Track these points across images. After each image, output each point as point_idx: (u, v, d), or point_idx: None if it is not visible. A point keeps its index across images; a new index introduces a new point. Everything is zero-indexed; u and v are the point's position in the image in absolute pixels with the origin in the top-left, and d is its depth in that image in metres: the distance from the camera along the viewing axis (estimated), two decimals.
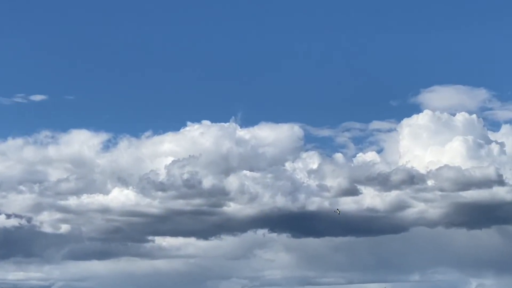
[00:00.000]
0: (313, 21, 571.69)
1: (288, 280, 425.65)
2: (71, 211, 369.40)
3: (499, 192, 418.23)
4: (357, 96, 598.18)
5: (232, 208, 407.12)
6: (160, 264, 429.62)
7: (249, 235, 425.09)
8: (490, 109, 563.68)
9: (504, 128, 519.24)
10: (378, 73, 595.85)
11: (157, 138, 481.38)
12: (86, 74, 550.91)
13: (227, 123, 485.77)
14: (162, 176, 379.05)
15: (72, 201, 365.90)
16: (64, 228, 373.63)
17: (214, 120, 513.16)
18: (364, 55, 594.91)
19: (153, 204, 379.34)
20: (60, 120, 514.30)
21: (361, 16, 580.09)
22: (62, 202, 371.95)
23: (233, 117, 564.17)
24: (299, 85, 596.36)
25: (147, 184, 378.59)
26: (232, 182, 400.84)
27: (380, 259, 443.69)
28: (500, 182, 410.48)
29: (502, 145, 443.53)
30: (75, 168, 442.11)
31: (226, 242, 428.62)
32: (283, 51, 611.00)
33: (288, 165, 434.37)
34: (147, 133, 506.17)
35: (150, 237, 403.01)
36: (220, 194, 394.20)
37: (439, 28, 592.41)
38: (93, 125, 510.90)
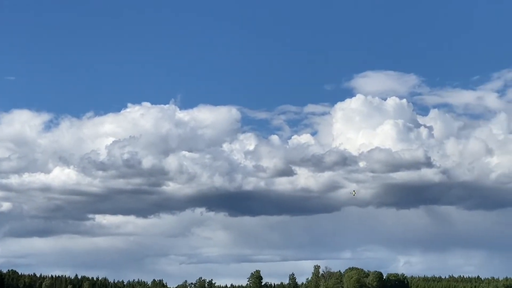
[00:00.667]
0: (251, 7, 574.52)
1: (225, 257, 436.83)
2: (13, 190, 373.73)
3: (427, 174, 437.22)
4: (293, 80, 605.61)
5: (171, 187, 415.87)
6: (100, 241, 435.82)
7: (187, 213, 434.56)
8: (420, 94, 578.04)
9: (433, 112, 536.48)
10: (313, 58, 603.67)
11: (98, 119, 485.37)
12: (26, 55, 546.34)
13: (167, 105, 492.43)
14: (103, 156, 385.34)
15: (13, 180, 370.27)
16: (6, 206, 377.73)
17: (154, 101, 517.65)
18: (299, 41, 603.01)
19: (94, 183, 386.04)
20: (1, 100, 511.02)
21: (298, 2, 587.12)
22: (4, 181, 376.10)
23: (172, 99, 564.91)
24: (237, 69, 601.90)
25: (88, 164, 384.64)
26: (171, 162, 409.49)
27: (313, 237, 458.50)
28: (428, 164, 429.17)
29: (430, 128, 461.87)
30: (17, 147, 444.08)
31: (164, 221, 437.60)
32: (221, 36, 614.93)
33: (225, 146, 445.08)
34: (89, 114, 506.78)
35: (90, 215, 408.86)
36: (159, 174, 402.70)
37: (371, 15, 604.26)
38: (35, 106, 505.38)
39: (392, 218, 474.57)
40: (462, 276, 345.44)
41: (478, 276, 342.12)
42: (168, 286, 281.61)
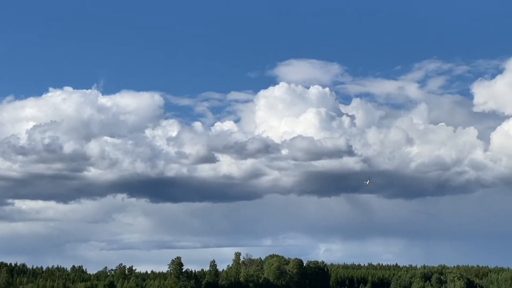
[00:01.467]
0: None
1: (146, 244, 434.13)
2: None
3: (348, 162, 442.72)
4: (216, 67, 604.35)
5: (92, 173, 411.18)
6: (19, 227, 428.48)
7: (109, 199, 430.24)
8: (342, 83, 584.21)
9: (355, 101, 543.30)
10: (237, 45, 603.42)
11: (18, 103, 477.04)
12: None
13: (89, 90, 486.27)
14: (23, 141, 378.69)
15: None
16: None
17: (76, 86, 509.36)
18: (223, 28, 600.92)
19: (14, 168, 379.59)
20: None
21: None
22: None
23: (95, 84, 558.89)
24: (160, 55, 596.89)
25: (8, 148, 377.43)
26: (92, 148, 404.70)
27: (234, 224, 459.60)
28: (350, 152, 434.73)
29: (352, 117, 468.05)
30: None
31: (85, 206, 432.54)
32: (144, 21, 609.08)
33: (148, 132, 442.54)
34: (9, 98, 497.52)
35: (9, 200, 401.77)
36: (80, 159, 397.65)
37: (296, 3, 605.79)
38: None
39: (314, 206, 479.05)
40: (381, 263, 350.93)
41: (397, 264, 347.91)
42: (88, 272, 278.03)
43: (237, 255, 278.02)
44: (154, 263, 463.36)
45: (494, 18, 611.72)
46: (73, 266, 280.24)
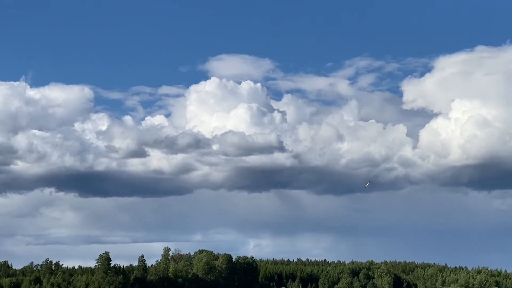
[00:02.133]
0: None
1: (74, 239, 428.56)
2: None
3: (279, 158, 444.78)
4: (147, 61, 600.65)
5: (20, 166, 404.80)
6: None
7: (36, 193, 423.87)
8: (274, 79, 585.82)
9: (286, 97, 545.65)
10: (168, 39, 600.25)
11: None
12: None
13: (17, 82, 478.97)
14: None
15: None
16: None
17: (3, 78, 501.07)
18: (154, 22, 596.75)
19: None
20: None
21: None
22: None
23: (23, 76, 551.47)
24: (90, 48, 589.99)
25: None
26: (20, 141, 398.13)
27: (164, 219, 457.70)
28: (281, 148, 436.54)
29: (283, 113, 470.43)
30: None
31: (12, 200, 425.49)
32: (75, 14, 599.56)
33: (77, 126, 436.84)
34: None
35: None
36: (7, 152, 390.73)
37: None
38: None
39: (244, 202, 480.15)
40: (309, 259, 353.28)
41: (325, 260, 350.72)
42: (14, 267, 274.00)
43: (166, 250, 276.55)
44: (82, 258, 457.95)
45: (423, 16, 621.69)
46: None
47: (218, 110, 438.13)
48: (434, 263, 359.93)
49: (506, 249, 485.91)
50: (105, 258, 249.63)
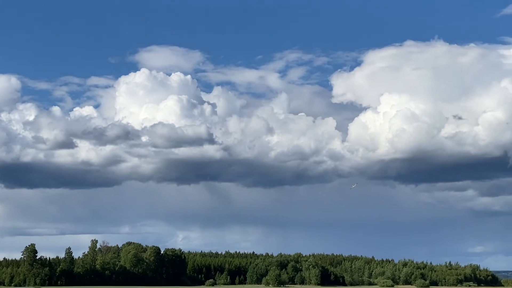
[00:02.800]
0: None
1: (0, 230, 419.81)
2: None
3: (209, 150, 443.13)
4: (76, 51, 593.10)
5: None
6: None
7: None
8: (204, 71, 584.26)
9: (216, 90, 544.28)
10: (98, 29, 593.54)
11: None
12: None
13: None
14: None
15: None
16: None
17: None
18: (84, 11, 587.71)
19: None
20: None
21: None
22: None
23: None
24: (18, 37, 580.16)
25: None
26: None
27: (92, 211, 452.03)
28: (211, 140, 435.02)
29: (214, 106, 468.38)
30: None
31: None
32: (3, 3, 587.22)
33: (3, 116, 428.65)
34: None
35: None
36: None
37: None
38: None
39: (173, 194, 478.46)
40: (238, 252, 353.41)
41: (254, 252, 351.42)
42: None
43: (94, 242, 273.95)
44: (8, 250, 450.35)
45: (353, 11, 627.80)
46: None
47: (148, 102, 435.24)
48: (361, 256, 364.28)
49: (432, 242, 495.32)
50: (31, 250, 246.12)
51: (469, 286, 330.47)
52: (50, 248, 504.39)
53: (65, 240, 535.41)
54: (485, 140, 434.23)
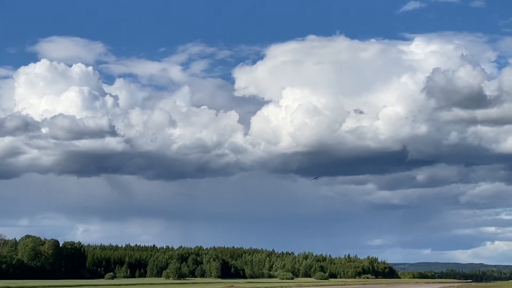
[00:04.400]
0: None
1: None
2: None
3: (111, 142, 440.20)
4: None
5: None
6: None
7: None
8: (106, 62, 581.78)
9: (118, 81, 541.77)
10: None
11: None
12: None
13: None
14: None
15: None
16: None
17: None
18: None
19: None
20: None
21: None
22: None
23: None
24: None
25: None
26: None
27: None
28: (112, 133, 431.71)
29: (116, 98, 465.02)
30: None
31: None
32: None
33: None
34: None
35: None
36: None
37: None
38: None
39: (73, 186, 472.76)
40: (138, 245, 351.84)
41: (154, 245, 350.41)
42: None
43: None
44: None
45: (256, 4, 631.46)
46: None
47: (48, 93, 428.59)
48: (262, 249, 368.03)
49: (331, 235, 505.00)
50: None
51: (367, 278, 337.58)
52: None
53: None
54: (384, 135, 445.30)
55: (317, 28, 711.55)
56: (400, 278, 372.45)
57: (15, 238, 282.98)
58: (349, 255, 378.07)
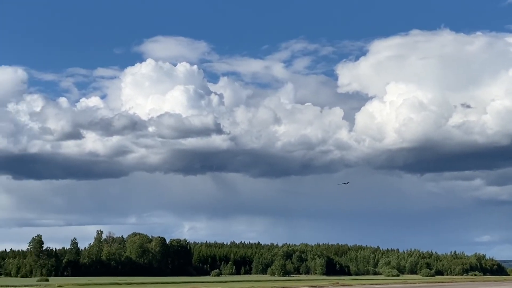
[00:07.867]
0: None
1: (7, 221, 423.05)
2: None
3: (216, 140, 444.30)
4: (82, 42, 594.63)
5: None
6: None
7: None
8: (209, 61, 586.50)
9: (222, 80, 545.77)
10: (103, 20, 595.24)
11: None
12: None
13: None
14: None
15: None
16: None
17: None
18: (88, 3, 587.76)
19: None
20: None
21: None
22: None
23: None
24: (24, 29, 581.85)
25: None
26: None
27: (99, 202, 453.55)
28: (218, 130, 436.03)
29: (221, 96, 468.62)
30: None
31: None
32: None
33: (10, 107, 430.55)
34: None
35: None
36: None
37: None
38: None
39: (179, 184, 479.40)
40: (243, 242, 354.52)
41: (259, 242, 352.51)
42: None
43: (99, 233, 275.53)
44: (15, 241, 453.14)
45: (359, 0, 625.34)
46: None
47: (154, 92, 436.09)
48: (366, 246, 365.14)
49: (437, 232, 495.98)
50: (37, 241, 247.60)
51: (475, 275, 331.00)
52: (57, 239, 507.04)
53: (71, 231, 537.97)
54: (493, 129, 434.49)
55: (421, 23, 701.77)
56: (509, 275, 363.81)
57: (122, 236, 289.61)
58: (455, 252, 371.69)
